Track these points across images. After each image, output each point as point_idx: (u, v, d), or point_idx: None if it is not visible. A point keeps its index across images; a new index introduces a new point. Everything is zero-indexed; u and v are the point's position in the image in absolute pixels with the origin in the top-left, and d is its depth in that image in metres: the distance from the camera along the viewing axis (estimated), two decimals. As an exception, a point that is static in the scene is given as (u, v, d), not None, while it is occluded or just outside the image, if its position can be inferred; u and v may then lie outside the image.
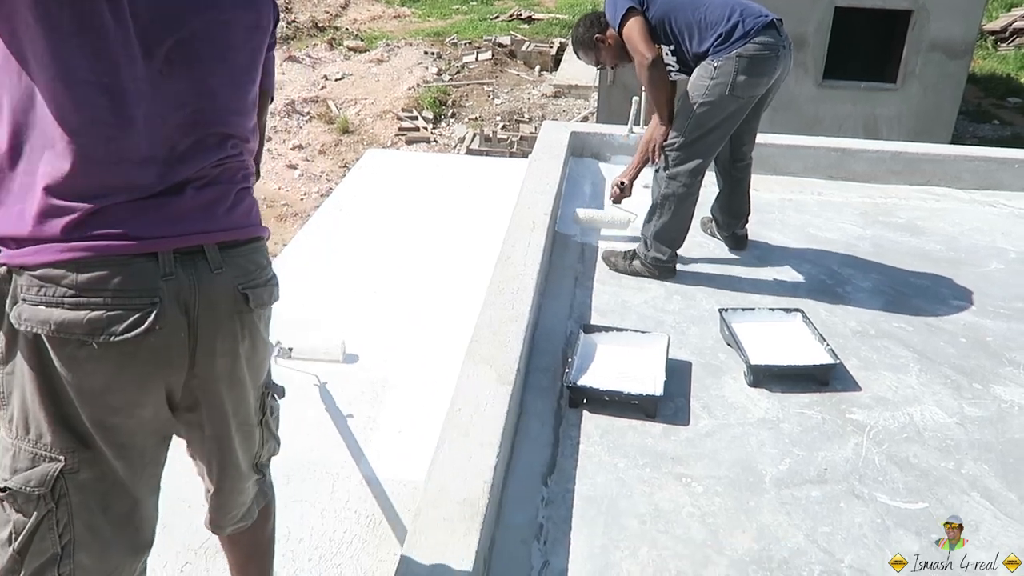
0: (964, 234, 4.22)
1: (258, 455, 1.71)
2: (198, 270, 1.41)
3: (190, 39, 1.38)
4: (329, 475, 2.48)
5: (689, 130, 3.41)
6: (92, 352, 1.33)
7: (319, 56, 16.26)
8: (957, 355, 3.09)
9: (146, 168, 1.36)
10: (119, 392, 1.38)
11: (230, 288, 1.46)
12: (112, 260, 1.33)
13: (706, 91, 3.32)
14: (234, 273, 1.47)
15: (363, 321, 3.39)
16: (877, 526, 2.26)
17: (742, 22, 3.28)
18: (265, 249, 1.60)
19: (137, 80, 1.32)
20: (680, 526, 2.24)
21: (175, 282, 1.38)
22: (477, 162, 6.22)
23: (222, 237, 1.46)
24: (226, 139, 1.48)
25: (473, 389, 2.48)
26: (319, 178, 11.42)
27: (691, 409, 2.74)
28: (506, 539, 2.18)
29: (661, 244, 3.56)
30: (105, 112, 1.31)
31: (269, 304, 1.58)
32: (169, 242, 1.38)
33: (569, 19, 18.46)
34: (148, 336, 1.35)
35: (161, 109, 1.37)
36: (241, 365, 1.55)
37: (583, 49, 3.69)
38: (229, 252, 1.47)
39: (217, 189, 1.47)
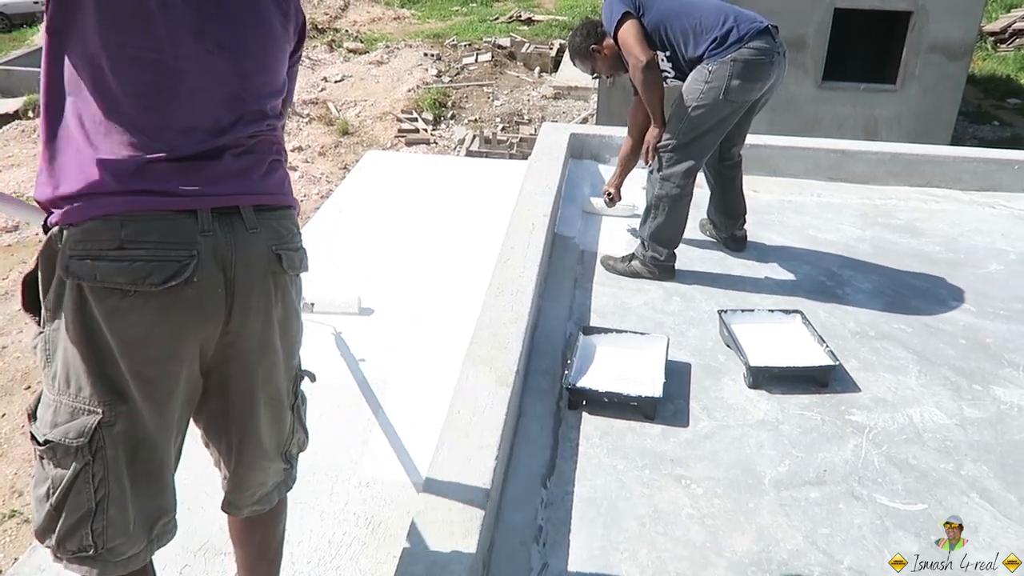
0: (964, 235, 4.22)
1: (287, 443, 1.76)
2: (235, 229, 1.48)
3: (237, 28, 1.53)
4: (328, 477, 2.47)
5: (683, 132, 3.43)
6: (134, 302, 1.39)
7: (319, 58, 16.27)
8: (957, 356, 3.09)
9: (188, 136, 1.46)
10: (158, 343, 1.44)
11: (264, 248, 1.53)
12: (154, 215, 1.40)
13: (700, 95, 3.35)
14: (268, 234, 1.54)
15: (362, 322, 3.39)
16: (876, 527, 2.26)
17: (736, 27, 3.31)
18: (295, 219, 1.68)
19: (184, 58, 1.45)
20: (679, 528, 2.24)
21: (213, 238, 1.44)
22: (477, 163, 6.21)
23: (257, 200, 1.54)
24: (262, 116, 1.59)
25: (472, 391, 2.47)
26: (319, 180, 11.42)
27: (690, 411, 2.74)
28: (505, 541, 2.18)
29: (658, 244, 3.58)
30: (149, 85, 1.42)
31: (300, 269, 1.66)
32: (208, 200, 1.45)
33: (569, 21, 18.46)
34: (186, 287, 1.41)
35: (206, 84, 1.48)
36: (274, 329, 1.61)
37: (579, 58, 3.73)
38: (263, 215, 1.54)
39: (252, 158, 1.56)
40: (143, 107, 1.43)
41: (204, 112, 1.49)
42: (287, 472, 1.80)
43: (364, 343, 3.24)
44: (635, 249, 3.68)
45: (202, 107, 1.49)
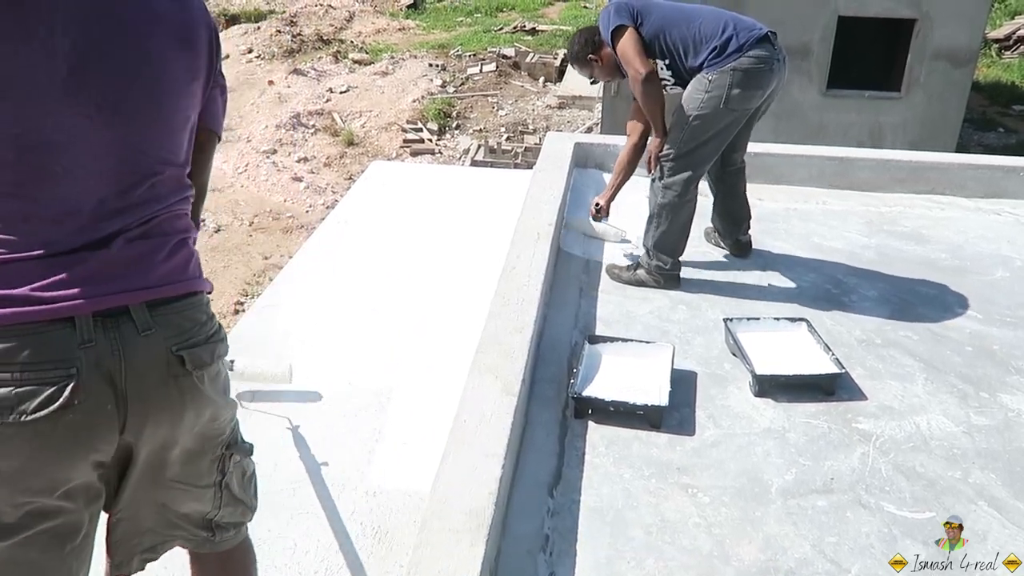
0: (969, 242, 4.21)
1: (211, 514, 1.55)
2: (123, 333, 1.28)
3: (121, 84, 1.27)
4: (334, 486, 2.48)
5: (684, 141, 3.44)
6: (3, 433, 1.21)
7: (324, 69, 16.33)
8: (963, 364, 3.08)
9: (65, 224, 1.25)
10: (39, 474, 1.26)
11: (162, 351, 1.32)
12: (20, 329, 1.20)
13: (701, 104, 3.35)
14: (167, 333, 1.33)
15: (369, 332, 3.40)
16: (884, 536, 2.25)
17: (736, 36, 3.31)
18: (205, 304, 1.46)
19: (59, 130, 1.22)
20: (686, 537, 2.24)
21: (95, 350, 1.25)
22: (481, 173, 6.23)
23: (151, 295, 1.32)
24: (161, 191, 1.36)
25: (478, 400, 2.48)
26: (324, 190, 11.45)
27: (696, 419, 2.73)
28: (512, 550, 2.17)
29: (661, 253, 3.58)
30: (10, 168, 1.21)
31: (212, 363, 1.42)
32: (87, 304, 1.25)
33: (572, 30, 18.51)
34: (66, 412, 1.22)
35: (87, 159, 1.26)
36: (184, 433, 1.41)
37: (578, 64, 3.75)
38: (161, 310, 1.33)
39: (149, 243, 1.34)
40: (4, 195, 1.21)
41: (84, 192, 1.25)
42: (209, 539, 1.58)
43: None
44: (640, 258, 3.68)
45: (82, 186, 1.25)
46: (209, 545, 1.59)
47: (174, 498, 1.48)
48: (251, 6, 21.29)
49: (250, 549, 1.74)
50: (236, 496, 1.60)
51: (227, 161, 12.21)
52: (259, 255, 9.52)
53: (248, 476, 1.65)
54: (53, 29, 1.19)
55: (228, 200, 10.99)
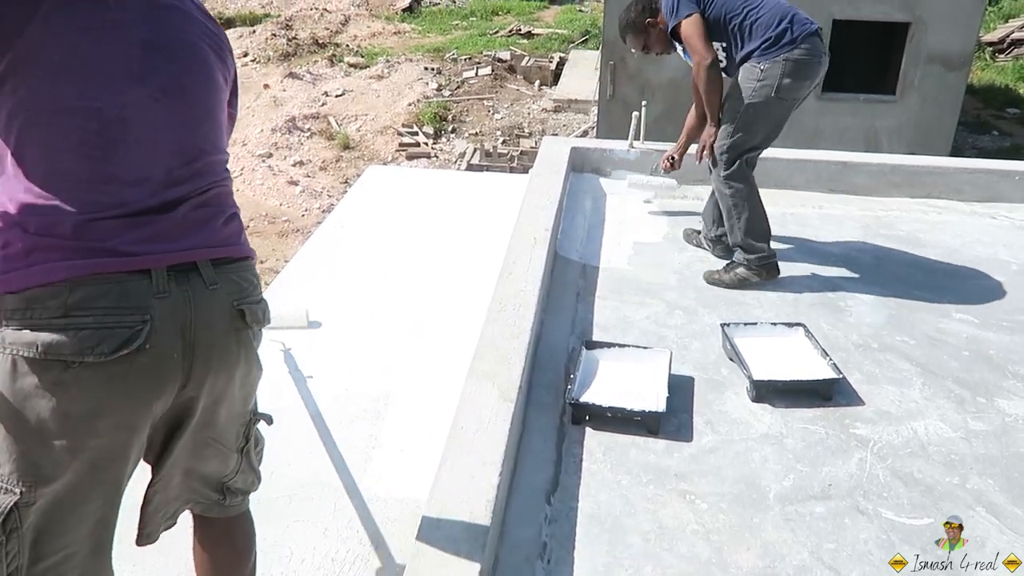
0: (966, 246, 4.22)
1: (228, 478, 1.67)
2: (193, 287, 1.41)
3: (180, 75, 1.47)
4: (331, 494, 2.46)
5: (737, 130, 3.52)
6: (79, 374, 1.30)
7: (320, 72, 16.31)
8: (960, 368, 3.08)
9: (139, 188, 1.39)
10: (108, 415, 1.35)
11: (226, 304, 1.46)
12: (103, 278, 1.32)
13: (752, 92, 3.44)
14: (229, 289, 1.47)
15: (365, 337, 3.39)
16: (882, 542, 2.24)
17: (791, 28, 3.39)
18: (255, 270, 1.60)
19: (128, 107, 1.39)
20: (684, 543, 2.23)
21: (170, 300, 1.37)
22: (478, 178, 6.23)
23: (216, 253, 1.47)
24: (214, 167, 1.53)
25: (476, 406, 2.47)
26: (320, 194, 11.42)
27: (694, 425, 2.73)
28: (510, 558, 2.17)
29: (755, 242, 3.63)
30: (93, 135, 1.35)
31: (263, 323, 1.57)
32: (162, 258, 1.38)
33: (568, 34, 18.51)
34: (139, 355, 1.33)
35: (154, 132, 1.42)
36: (235, 386, 1.54)
37: (633, 32, 3.74)
38: (223, 268, 1.47)
39: (210, 210, 1.49)
40: (88, 159, 1.35)
41: (155, 162, 1.42)
42: (219, 503, 1.70)
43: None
44: (735, 257, 3.72)
45: (152, 157, 1.42)
46: (218, 509, 1.70)
47: (206, 458, 1.60)
48: (246, 9, 21.27)
49: (251, 519, 1.83)
50: (252, 464, 1.73)
51: (222, 165, 12.17)
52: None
53: (260, 447, 1.78)
54: (126, 26, 1.40)
55: (223, 204, 10.96)
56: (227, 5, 21.76)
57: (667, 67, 9.92)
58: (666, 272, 3.82)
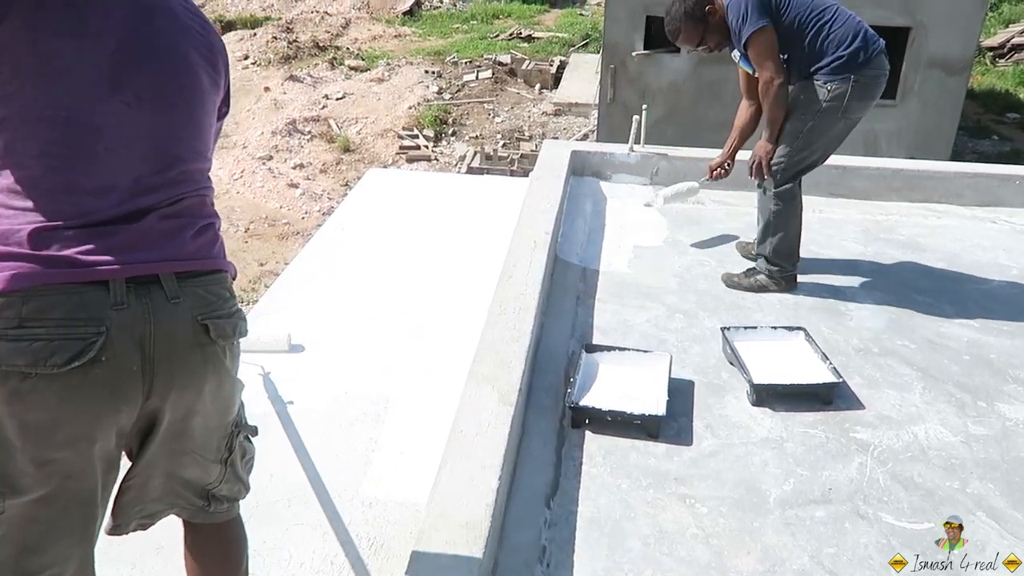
0: (966, 251, 4.21)
1: (211, 486, 1.65)
2: (153, 300, 1.38)
3: (158, 80, 1.44)
4: (331, 497, 2.46)
5: (797, 149, 3.47)
6: (35, 384, 1.29)
7: (320, 75, 16.32)
8: (961, 373, 3.08)
9: (103, 197, 1.37)
10: (65, 426, 1.34)
11: (188, 319, 1.43)
12: (59, 289, 1.31)
13: (818, 111, 3.35)
14: (193, 303, 1.44)
15: (365, 340, 3.39)
16: (882, 546, 2.24)
17: (864, 48, 3.29)
18: (228, 283, 1.56)
19: (99, 114, 1.37)
20: (684, 548, 2.23)
21: (128, 312, 1.35)
22: (478, 181, 6.23)
23: (180, 267, 1.44)
24: (189, 176, 1.50)
25: (475, 409, 2.47)
26: (320, 197, 11.43)
27: (694, 429, 2.73)
28: (509, 562, 2.16)
29: (782, 260, 3.62)
30: (57, 144, 1.34)
31: (234, 337, 1.53)
32: (122, 269, 1.35)
33: (568, 37, 18.53)
34: (93, 367, 1.31)
35: (126, 140, 1.40)
36: (205, 400, 1.51)
37: (691, 23, 3.44)
38: (188, 282, 1.44)
39: (179, 221, 1.47)
40: (50, 169, 1.34)
41: (123, 170, 1.39)
42: (204, 509, 1.68)
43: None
44: (757, 266, 3.70)
45: (121, 165, 1.39)
46: (203, 515, 1.68)
47: (184, 466, 1.57)
48: (247, 12, 21.29)
49: (241, 525, 1.81)
50: (237, 474, 1.71)
51: (223, 167, 12.19)
52: (255, 262, 9.49)
53: (248, 458, 1.75)
54: (102, 30, 1.37)
55: (224, 206, 10.96)
56: (228, 8, 21.79)
57: (667, 70, 9.94)
58: (666, 276, 3.82)
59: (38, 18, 1.32)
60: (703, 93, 9.84)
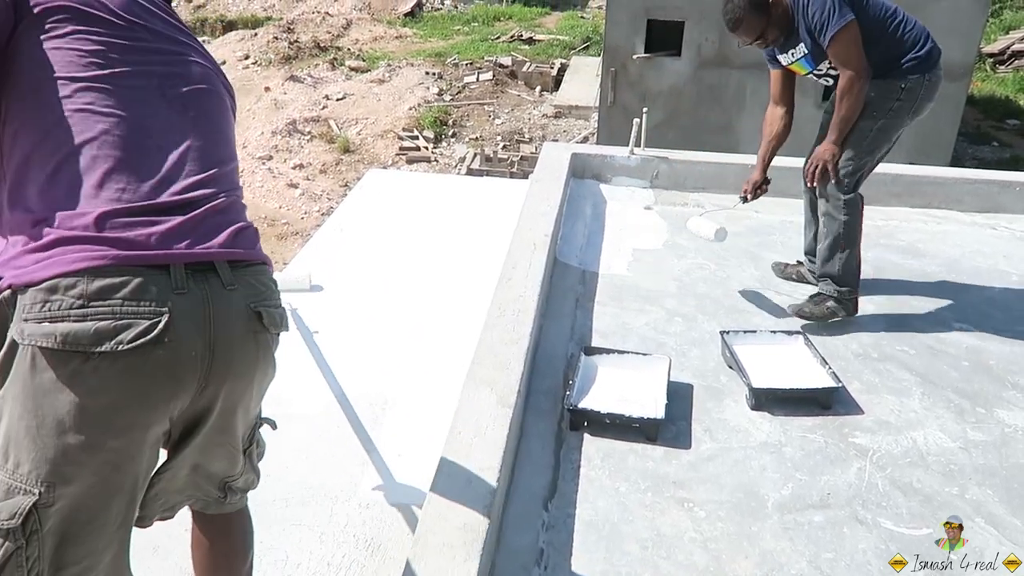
0: (966, 257, 4.21)
1: (232, 478, 1.68)
2: (211, 286, 1.42)
3: (199, 96, 1.58)
4: (328, 499, 2.46)
5: (866, 150, 3.31)
6: (98, 365, 1.30)
7: (321, 76, 16.33)
8: (960, 379, 3.07)
9: (160, 187, 1.43)
10: (124, 411, 1.35)
11: (243, 306, 1.47)
12: (123, 270, 1.33)
13: (890, 111, 3.23)
14: (246, 291, 1.48)
15: (364, 342, 3.38)
16: (881, 552, 2.24)
17: (934, 48, 3.24)
18: (272, 277, 1.61)
19: (152, 117, 1.48)
20: (682, 551, 2.22)
21: (188, 297, 1.38)
22: (477, 182, 6.23)
23: (233, 255, 1.48)
24: (232, 175, 1.60)
25: (474, 412, 2.46)
26: (320, 197, 11.44)
27: (693, 432, 2.72)
28: (506, 564, 2.16)
29: (850, 279, 3.35)
30: (118, 137, 1.41)
31: (281, 328, 1.57)
32: (180, 255, 1.39)
33: (569, 40, 18.56)
34: (156, 348, 1.33)
35: (176, 140, 1.50)
36: (252, 389, 1.56)
37: (753, 15, 3.19)
38: (240, 271, 1.49)
39: (229, 215, 1.53)
40: (112, 159, 1.40)
41: (175, 166, 1.47)
42: (219, 500, 1.70)
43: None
44: (822, 288, 3.41)
45: (173, 161, 1.47)
46: (217, 506, 1.70)
47: (215, 458, 1.60)
48: (248, 12, 21.30)
49: (249, 517, 1.84)
50: (254, 465, 1.74)
51: (222, 167, 12.20)
52: (254, 262, 9.51)
53: (262, 448, 1.78)
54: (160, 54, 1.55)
55: (223, 206, 10.98)
56: (229, 8, 21.79)
57: (668, 74, 9.95)
58: (666, 279, 3.81)
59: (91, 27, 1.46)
60: (703, 97, 9.85)
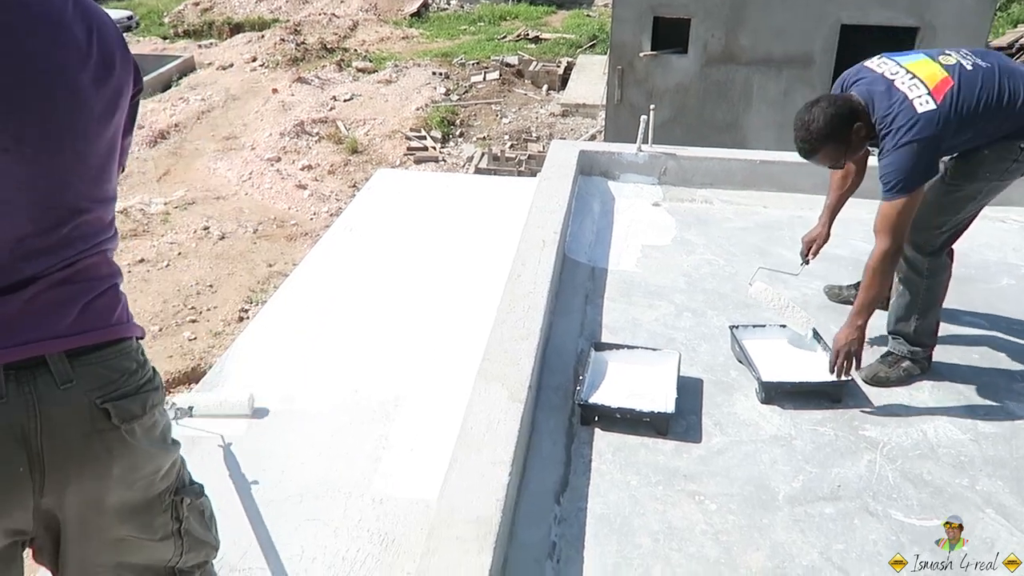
0: (975, 250, 4.20)
1: (172, 562, 1.45)
2: (39, 387, 1.18)
3: (39, 118, 1.16)
4: (342, 494, 2.48)
5: (970, 211, 3.03)
6: None
7: (328, 77, 16.38)
8: (970, 371, 3.08)
9: None
10: None
11: (83, 404, 1.22)
12: None
13: (1004, 172, 2.87)
14: (88, 385, 1.23)
15: (375, 340, 3.40)
16: (891, 543, 2.25)
17: None
18: (136, 351, 1.34)
19: None
20: (693, 544, 2.24)
21: (7, 406, 1.15)
22: (486, 181, 6.24)
23: (72, 343, 1.22)
24: (90, 227, 1.26)
25: (485, 407, 2.48)
26: (328, 198, 11.48)
27: (703, 426, 2.73)
28: (519, 558, 2.18)
29: (926, 338, 3.06)
30: None
31: (145, 415, 1.31)
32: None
33: (576, 38, 18.57)
34: None
35: (6, 195, 1.15)
36: (116, 488, 1.30)
37: (833, 145, 2.83)
38: (83, 360, 1.23)
39: (74, 288, 1.24)
40: None
41: (2, 232, 1.15)
42: None
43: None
44: (895, 348, 3.08)
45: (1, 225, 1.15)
46: None
47: (130, 553, 1.39)
48: (255, 15, 21.38)
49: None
50: (199, 539, 1.50)
51: (231, 169, 12.25)
52: (263, 263, 9.54)
53: (208, 515, 1.54)
54: None
55: (232, 208, 11.02)
56: (236, 10, 21.87)
57: (674, 71, 9.95)
58: (675, 275, 3.82)
59: None
60: (710, 94, 9.84)
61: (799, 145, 2.88)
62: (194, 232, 10.12)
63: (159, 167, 12.30)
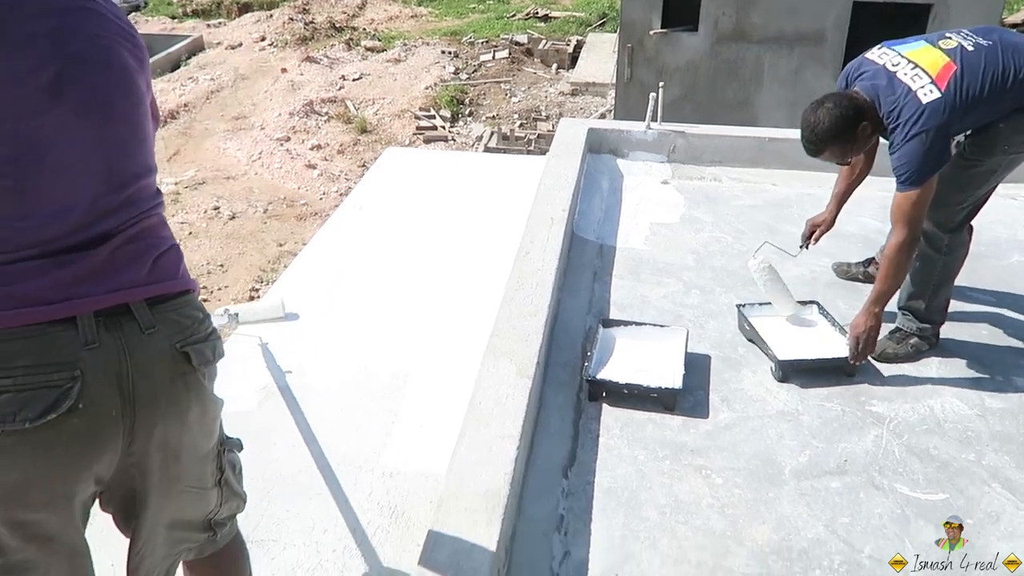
0: (985, 227, 4.17)
1: (212, 514, 1.55)
2: (126, 333, 1.26)
3: (102, 88, 1.29)
4: (352, 467, 2.51)
5: (990, 184, 3.01)
6: (3, 443, 1.16)
7: (337, 56, 16.33)
8: (978, 347, 3.08)
9: (61, 221, 1.23)
10: (40, 486, 1.22)
11: (167, 348, 1.31)
12: (21, 332, 1.17)
13: (1021, 144, 2.85)
14: (169, 331, 1.32)
15: (384, 317, 3.42)
16: (897, 517, 2.26)
17: None
18: (198, 303, 1.44)
19: (46, 127, 1.21)
20: (700, 517, 2.26)
21: (100, 351, 1.22)
22: (495, 160, 6.23)
23: (150, 292, 1.30)
24: (146, 191, 1.37)
25: (494, 382, 2.50)
26: (338, 177, 11.47)
27: (710, 402, 2.75)
28: (527, 530, 2.20)
29: (936, 314, 3.07)
30: (4, 162, 1.18)
31: (215, 361, 1.42)
32: (88, 303, 1.22)
33: (585, 16, 18.43)
34: (70, 417, 1.19)
35: (76, 155, 1.25)
36: (191, 433, 1.40)
37: (839, 144, 2.84)
38: (160, 308, 1.32)
39: (142, 243, 1.34)
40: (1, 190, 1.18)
41: (79, 190, 1.24)
42: (211, 540, 1.58)
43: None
44: (904, 324, 3.08)
45: (76, 184, 1.24)
46: (211, 546, 1.59)
47: (185, 505, 1.47)
48: (264, -6, 21.28)
49: (242, 541, 1.73)
50: (234, 490, 1.60)
51: (241, 149, 12.26)
52: (273, 242, 9.56)
53: (239, 469, 1.64)
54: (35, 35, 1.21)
55: (242, 187, 11.04)
56: (244, -11, 21.75)
57: (684, 49, 9.88)
58: (683, 252, 3.83)
59: None
60: (720, 72, 9.77)
61: (805, 145, 2.90)
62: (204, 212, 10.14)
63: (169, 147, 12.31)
